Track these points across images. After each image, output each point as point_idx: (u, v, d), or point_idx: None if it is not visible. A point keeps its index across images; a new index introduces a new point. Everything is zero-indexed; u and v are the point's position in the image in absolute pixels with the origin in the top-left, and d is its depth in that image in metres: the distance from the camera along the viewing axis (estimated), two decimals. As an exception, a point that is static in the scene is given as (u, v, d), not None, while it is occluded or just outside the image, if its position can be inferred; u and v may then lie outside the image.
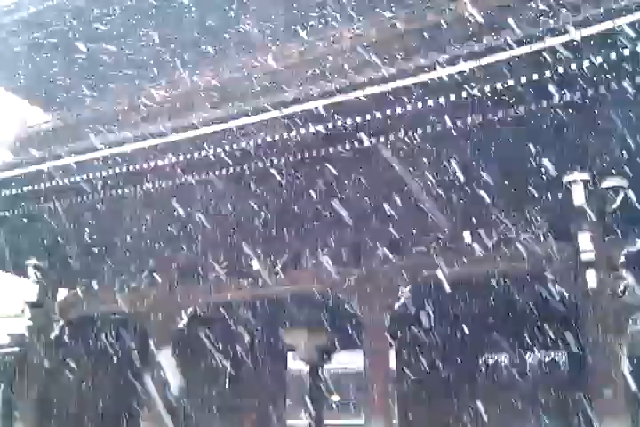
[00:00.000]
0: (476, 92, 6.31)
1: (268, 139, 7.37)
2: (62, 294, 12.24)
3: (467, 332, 10.85)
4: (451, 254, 8.29)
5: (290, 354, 14.71)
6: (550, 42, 5.97)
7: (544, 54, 6.04)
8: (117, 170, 8.24)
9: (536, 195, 7.64)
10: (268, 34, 10.92)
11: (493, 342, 10.97)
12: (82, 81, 12.39)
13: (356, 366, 18.90)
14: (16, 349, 13.45)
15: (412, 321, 10.18)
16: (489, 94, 6.39)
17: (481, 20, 7.12)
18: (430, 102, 6.60)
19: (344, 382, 20.77)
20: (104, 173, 8.31)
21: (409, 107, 6.67)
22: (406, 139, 7.10)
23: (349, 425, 19.81)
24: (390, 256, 8.79)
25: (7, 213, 9.66)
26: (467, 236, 8.17)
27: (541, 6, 6.75)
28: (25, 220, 10.05)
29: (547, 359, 11.11)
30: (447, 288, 8.38)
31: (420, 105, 6.66)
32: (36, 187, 8.89)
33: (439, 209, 8.27)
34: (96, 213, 9.62)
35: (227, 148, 7.67)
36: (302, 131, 7.23)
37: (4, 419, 12.80)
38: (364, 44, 8.23)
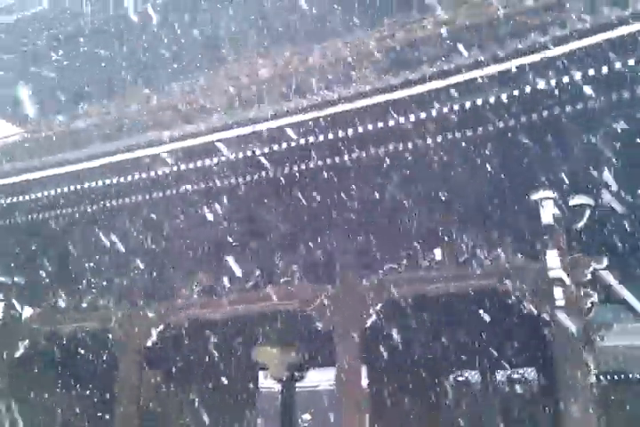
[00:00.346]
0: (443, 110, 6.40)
1: (241, 155, 7.35)
2: (28, 311, 11.96)
3: (437, 349, 10.90)
4: (421, 272, 8.35)
5: (261, 372, 14.53)
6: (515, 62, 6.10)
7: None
8: (82, 185, 8.12)
9: (505, 212, 7.75)
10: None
11: (464, 360, 11.03)
12: (51, 94, 12.27)
13: (328, 383, 18.79)
14: (-21, 368, 13.10)
15: (384, 339, 10.17)
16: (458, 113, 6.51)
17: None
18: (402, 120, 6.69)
19: (316, 401, 20.57)
20: (70, 188, 8.18)
21: (379, 124, 6.73)
22: (377, 155, 7.15)
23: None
24: (363, 273, 8.80)
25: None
26: (437, 253, 8.23)
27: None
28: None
29: (516, 376, 11.20)
30: (418, 306, 8.44)
31: (391, 123, 6.75)
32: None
33: (410, 226, 8.33)
34: (62, 228, 9.46)
35: (198, 163, 7.62)
36: (279, 146, 7.23)
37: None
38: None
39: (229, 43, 11.14)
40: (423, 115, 6.48)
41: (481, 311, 9.20)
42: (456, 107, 6.37)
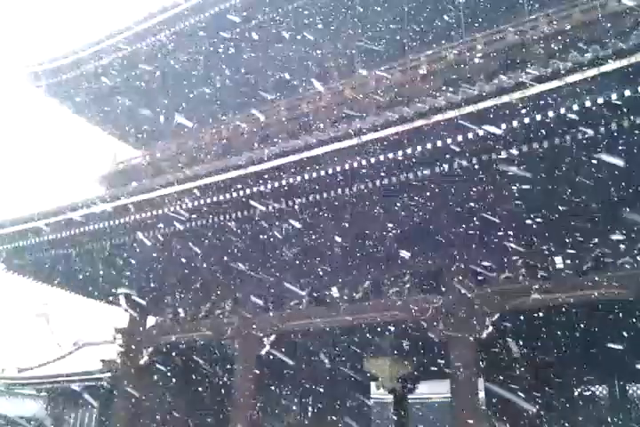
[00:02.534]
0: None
1: (347, 166, 7.35)
2: (151, 321, 12.66)
3: (559, 361, 10.30)
4: (540, 281, 7.94)
5: (373, 383, 14.42)
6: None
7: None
8: (202, 201, 8.45)
9: (632, 215, 7.19)
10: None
11: (589, 373, 10.35)
12: (168, 119, 12.98)
13: (442, 396, 18.36)
14: (108, 374, 14.02)
15: (501, 350, 9.77)
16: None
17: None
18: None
19: (429, 413, 20.18)
20: (190, 205, 8.55)
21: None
22: (487, 162, 6.89)
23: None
24: (476, 283, 8.52)
25: (100, 245, 10.11)
26: (558, 261, 7.79)
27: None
28: (116, 251, 10.50)
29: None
30: (537, 316, 8.02)
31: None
32: (126, 219, 9.28)
33: (528, 234, 7.95)
34: (182, 243, 9.91)
35: (306, 176, 7.71)
36: (377, 158, 7.17)
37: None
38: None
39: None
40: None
41: (608, 321, 8.63)
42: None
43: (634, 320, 8.38)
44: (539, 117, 6.05)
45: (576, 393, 10.72)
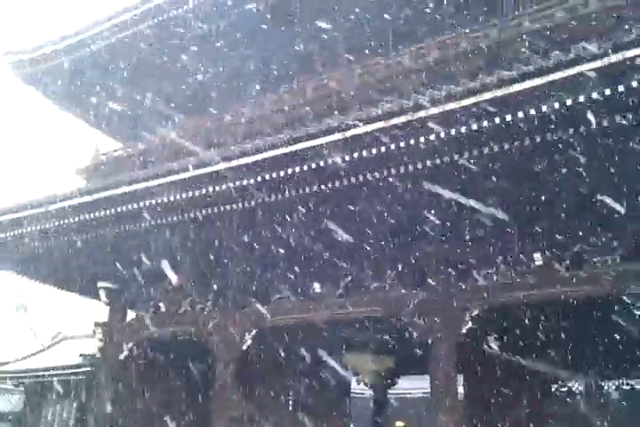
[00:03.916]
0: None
1: (329, 161, 7.34)
2: (131, 315, 12.58)
3: (537, 357, 10.42)
4: (519, 277, 8.02)
5: (353, 378, 14.50)
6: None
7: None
8: (184, 195, 8.39)
9: (612, 212, 7.28)
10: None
11: (567, 369, 10.47)
12: (149, 112, 12.88)
13: (421, 391, 18.48)
14: (88, 368, 13.91)
15: (480, 346, 9.85)
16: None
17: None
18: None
19: (409, 408, 20.31)
20: (171, 198, 8.48)
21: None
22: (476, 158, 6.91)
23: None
24: (456, 279, 8.57)
25: (80, 237, 10.02)
26: (537, 257, 7.87)
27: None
28: (96, 244, 10.40)
29: (626, 387, 10.47)
30: (516, 312, 8.10)
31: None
32: (106, 212, 9.18)
33: (508, 230, 8.01)
34: (162, 237, 9.85)
35: (289, 171, 7.69)
36: (361, 153, 7.16)
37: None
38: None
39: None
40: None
41: (585, 318, 8.74)
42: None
43: (611, 317, 8.50)
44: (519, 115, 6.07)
45: (553, 389, 10.86)
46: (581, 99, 5.79)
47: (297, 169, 7.57)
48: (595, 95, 5.71)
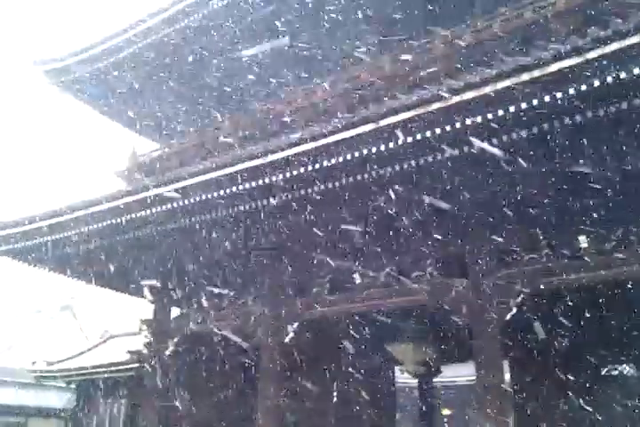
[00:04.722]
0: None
1: (372, 150, 7.32)
2: (175, 312, 12.82)
3: (585, 342, 10.26)
4: (564, 261, 7.90)
5: (397, 368, 14.49)
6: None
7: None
8: (224, 191, 8.48)
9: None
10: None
11: (615, 353, 10.28)
12: (185, 111, 13.05)
13: (467, 378, 18.39)
14: (135, 365, 14.24)
15: (527, 332, 9.75)
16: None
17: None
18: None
19: (455, 396, 20.25)
20: (212, 195, 8.59)
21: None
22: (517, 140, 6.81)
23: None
24: (499, 265, 8.49)
25: (123, 238, 10.22)
26: (582, 240, 7.74)
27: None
28: (139, 243, 10.61)
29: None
30: (562, 297, 7.98)
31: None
32: (147, 212, 9.36)
33: (551, 214, 7.89)
34: (204, 234, 9.99)
35: (325, 163, 7.71)
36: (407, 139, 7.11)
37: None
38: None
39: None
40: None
41: (632, 300, 8.58)
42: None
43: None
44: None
45: (603, 373, 10.67)
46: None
47: (332, 161, 7.59)
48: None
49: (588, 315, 9.58)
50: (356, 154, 7.37)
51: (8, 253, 11.29)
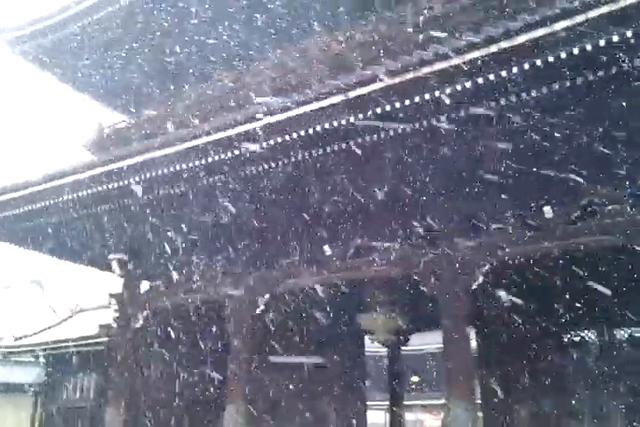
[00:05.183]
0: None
1: (337, 123, 7.28)
2: (144, 286, 12.75)
3: (548, 310, 10.56)
4: (530, 231, 8.06)
5: (367, 337, 14.74)
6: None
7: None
8: (189, 164, 8.37)
9: (621, 160, 7.24)
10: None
11: (578, 320, 10.61)
12: (151, 82, 12.73)
13: (435, 346, 18.86)
14: (105, 338, 14.18)
15: (492, 301, 9.97)
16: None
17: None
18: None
19: (423, 363, 20.75)
20: (177, 168, 8.48)
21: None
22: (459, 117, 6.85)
23: (430, 406, 19.81)
24: (466, 235, 8.62)
25: (90, 211, 10.06)
26: (547, 210, 7.89)
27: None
28: (106, 216, 10.46)
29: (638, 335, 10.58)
30: (527, 265, 8.15)
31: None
32: (114, 184, 9.20)
33: (516, 184, 8.00)
34: (171, 207, 9.90)
35: (296, 134, 7.64)
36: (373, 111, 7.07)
37: (99, 406, 13.55)
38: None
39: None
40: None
41: (596, 268, 8.81)
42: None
43: (622, 266, 8.57)
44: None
45: (565, 340, 11.03)
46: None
47: (303, 132, 7.52)
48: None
49: (551, 283, 9.83)
50: (318, 128, 7.35)
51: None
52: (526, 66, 6.08)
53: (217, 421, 11.25)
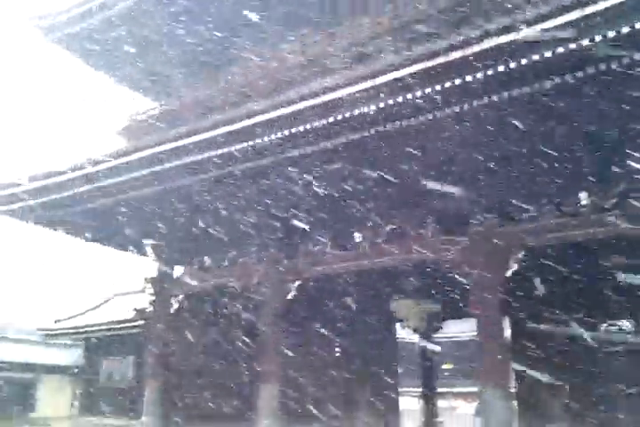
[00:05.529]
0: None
1: (373, 107, 7.18)
2: (179, 270, 12.94)
3: (586, 298, 10.35)
4: (564, 217, 7.89)
5: (399, 324, 14.70)
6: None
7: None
8: (224, 149, 8.41)
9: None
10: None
11: (614, 308, 10.39)
12: (184, 69, 12.78)
13: (468, 334, 18.72)
14: (141, 322, 14.50)
15: (526, 288, 9.83)
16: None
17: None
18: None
19: (456, 351, 20.65)
20: (211, 153, 8.52)
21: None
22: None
23: (463, 393, 19.73)
24: (500, 222, 8.48)
25: (125, 197, 10.20)
26: (582, 197, 7.70)
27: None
28: (141, 202, 10.62)
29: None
30: (562, 253, 7.99)
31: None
32: (149, 170, 9.31)
33: (552, 171, 7.82)
34: (206, 192, 9.97)
35: (329, 119, 7.58)
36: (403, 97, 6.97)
37: (138, 388, 13.89)
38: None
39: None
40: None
41: (631, 256, 8.61)
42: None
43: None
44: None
45: (602, 328, 10.81)
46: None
47: (338, 117, 7.44)
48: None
49: (587, 271, 9.63)
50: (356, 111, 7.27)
51: (12, 213, 11.30)
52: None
53: (250, 401, 11.41)
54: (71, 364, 18.63)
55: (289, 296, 10.67)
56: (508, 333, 9.91)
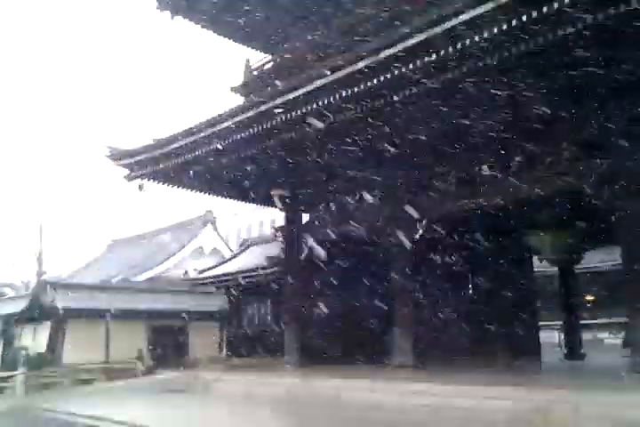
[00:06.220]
0: None
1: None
2: (305, 218, 13.24)
3: None
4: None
5: (536, 257, 14.13)
6: None
7: None
8: (345, 92, 8.09)
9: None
10: None
11: None
12: (291, 19, 12.55)
13: (611, 264, 17.65)
14: (274, 268, 15.10)
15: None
16: None
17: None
18: None
19: (599, 282, 19.64)
20: (330, 100, 8.32)
21: None
22: None
23: (609, 324, 18.85)
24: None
25: (250, 151, 10.37)
26: None
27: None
28: (265, 155, 10.81)
29: None
30: None
31: None
32: (268, 124, 9.32)
33: None
34: (329, 138, 9.94)
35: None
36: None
37: (278, 330, 14.68)
38: None
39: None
40: None
41: None
42: None
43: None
44: None
45: None
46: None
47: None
48: None
49: None
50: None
51: (147, 176, 11.93)
52: None
53: (380, 342, 11.66)
54: (217, 309, 19.89)
55: (416, 236, 10.54)
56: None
